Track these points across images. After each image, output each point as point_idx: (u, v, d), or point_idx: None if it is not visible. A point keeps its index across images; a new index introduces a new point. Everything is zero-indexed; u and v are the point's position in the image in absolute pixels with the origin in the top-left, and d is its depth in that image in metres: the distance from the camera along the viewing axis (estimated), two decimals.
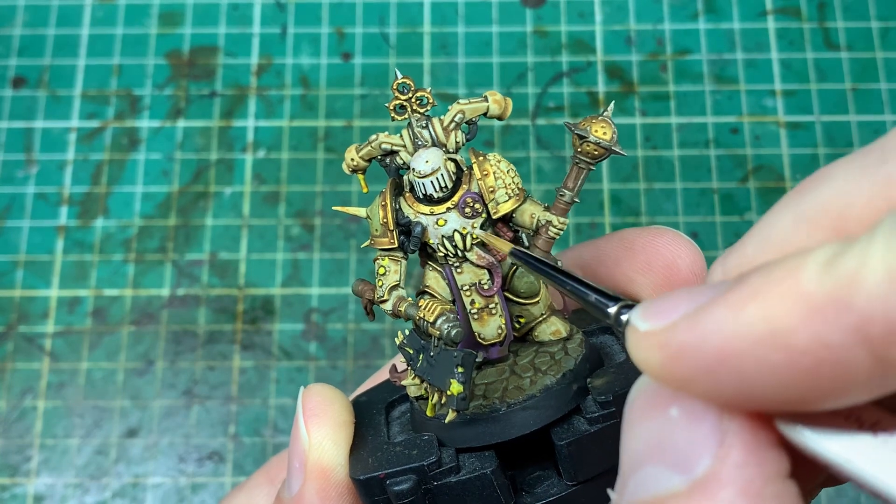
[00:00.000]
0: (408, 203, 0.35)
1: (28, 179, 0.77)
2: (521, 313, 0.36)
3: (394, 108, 0.36)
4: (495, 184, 0.35)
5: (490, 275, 0.35)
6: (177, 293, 0.74)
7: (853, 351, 0.18)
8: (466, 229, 0.35)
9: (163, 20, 0.82)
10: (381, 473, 0.32)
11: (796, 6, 0.81)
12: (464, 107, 0.36)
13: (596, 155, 0.34)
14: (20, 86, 0.80)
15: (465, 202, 0.35)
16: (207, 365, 0.72)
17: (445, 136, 0.35)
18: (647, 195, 0.75)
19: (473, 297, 0.36)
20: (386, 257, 0.36)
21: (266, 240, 0.75)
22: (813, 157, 0.76)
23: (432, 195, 0.35)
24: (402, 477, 0.31)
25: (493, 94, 0.36)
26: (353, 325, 0.73)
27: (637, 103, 0.78)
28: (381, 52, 0.81)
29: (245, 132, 0.78)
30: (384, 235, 0.35)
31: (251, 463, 0.69)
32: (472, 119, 0.36)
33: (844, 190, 0.22)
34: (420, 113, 0.36)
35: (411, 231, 0.35)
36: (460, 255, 0.35)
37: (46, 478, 0.69)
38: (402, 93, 0.36)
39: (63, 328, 0.73)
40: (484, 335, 0.36)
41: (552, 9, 0.81)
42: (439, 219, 0.35)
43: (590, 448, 0.31)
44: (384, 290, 0.35)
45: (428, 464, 0.31)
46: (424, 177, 0.34)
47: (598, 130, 0.34)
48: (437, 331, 0.33)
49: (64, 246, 0.75)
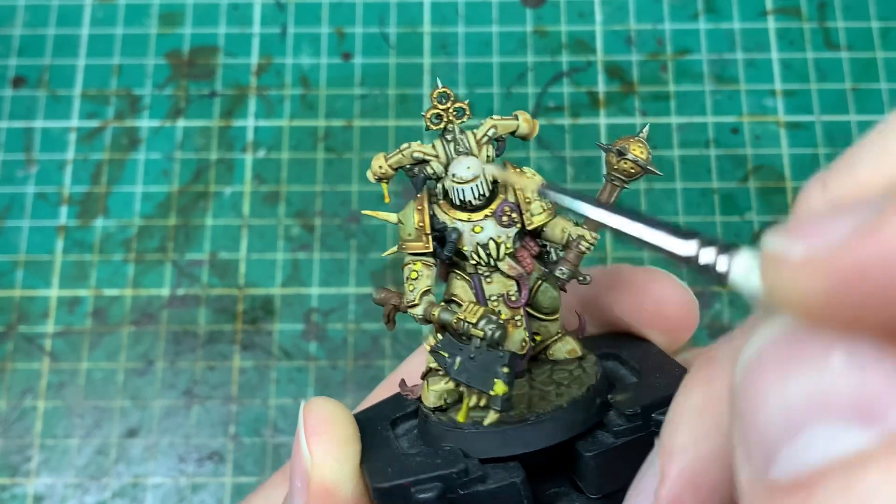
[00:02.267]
0: (443, 210, 0.35)
1: (28, 179, 0.77)
2: (539, 330, 0.37)
3: (430, 118, 0.36)
4: (531, 195, 0.35)
5: (518, 286, 0.35)
6: (177, 293, 0.74)
7: None
8: (501, 238, 0.35)
9: (163, 20, 0.82)
10: (405, 481, 0.31)
11: (796, 6, 0.81)
12: (497, 122, 0.36)
13: (632, 173, 0.35)
14: (20, 85, 0.80)
15: (503, 211, 0.35)
16: (207, 365, 0.72)
17: (478, 149, 0.36)
18: (647, 195, 0.75)
19: (501, 308, 0.36)
20: (418, 262, 0.36)
21: (266, 240, 0.75)
22: (813, 157, 0.76)
23: (470, 202, 0.35)
24: (428, 485, 0.31)
25: (523, 114, 0.36)
26: (353, 325, 0.73)
27: (637, 103, 0.78)
28: (381, 52, 0.81)
29: (245, 132, 0.78)
30: (418, 239, 0.35)
31: (251, 463, 0.69)
32: (502, 136, 0.36)
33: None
34: (456, 124, 0.36)
35: (446, 237, 0.35)
36: (492, 265, 0.35)
37: (46, 478, 0.69)
38: (442, 102, 0.36)
39: (63, 328, 0.73)
40: (508, 346, 0.36)
41: (552, 9, 0.81)
42: (476, 226, 0.35)
43: (615, 461, 0.31)
44: (416, 295, 0.35)
45: (457, 471, 0.31)
46: (465, 182, 0.34)
47: (635, 150, 0.35)
48: (480, 332, 0.32)
49: (64, 246, 0.75)
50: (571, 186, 0.75)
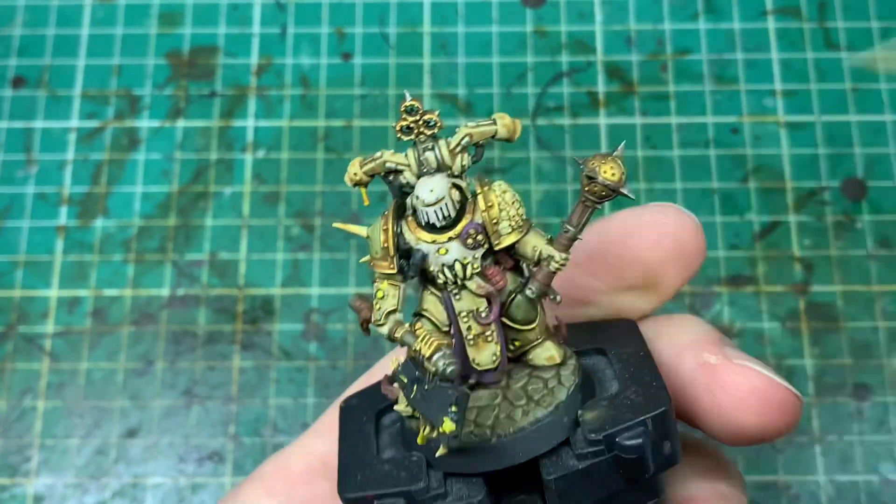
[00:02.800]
0: (410, 228, 0.35)
1: (28, 179, 0.77)
2: (517, 337, 0.36)
3: (400, 129, 0.35)
4: (499, 215, 0.34)
5: (488, 303, 0.35)
6: (177, 293, 0.74)
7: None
8: (468, 259, 0.34)
9: (163, 20, 0.82)
10: (369, 494, 0.32)
11: (796, 6, 0.81)
12: (472, 130, 0.35)
13: (603, 195, 0.34)
14: (20, 86, 0.80)
15: (469, 233, 0.34)
16: (207, 365, 0.72)
17: (451, 159, 0.35)
18: (647, 195, 0.75)
19: (470, 324, 0.35)
20: (385, 281, 0.35)
21: (266, 240, 0.75)
22: (813, 158, 0.76)
23: (434, 224, 0.34)
24: (390, 500, 0.32)
25: (501, 118, 0.35)
26: (352, 325, 0.73)
27: (637, 103, 0.78)
28: (381, 52, 0.81)
29: (245, 132, 0.78)
30: (384, 259, 0.35)
31: (251, 463, 0.69)
32: (480, 142, 0.35)
33: None
34: (427, 135, 0.35)
35: (411, 257, 0.35)
36: (459, 284, 0.35)
37: (46, 478, 0.69)
38: (411, 114, 0.35)
39: (63, 328, 0.73)
40: (479, 361, 0.36)
41: (552, 9, 0.81)
42: (441, 248, 0.34)
43: (577, 483, 0.31)
44: (381, 315, 0.35)
45: (416, 489, 0.32)
46: (428, 206, 0.34)
47: (606, 171, 0.33)
48: (432, 366, 0.32)
49: (64, 246, 0.75)
50: (571, 188, 0.75)
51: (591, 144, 0.76)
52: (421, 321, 0.36)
